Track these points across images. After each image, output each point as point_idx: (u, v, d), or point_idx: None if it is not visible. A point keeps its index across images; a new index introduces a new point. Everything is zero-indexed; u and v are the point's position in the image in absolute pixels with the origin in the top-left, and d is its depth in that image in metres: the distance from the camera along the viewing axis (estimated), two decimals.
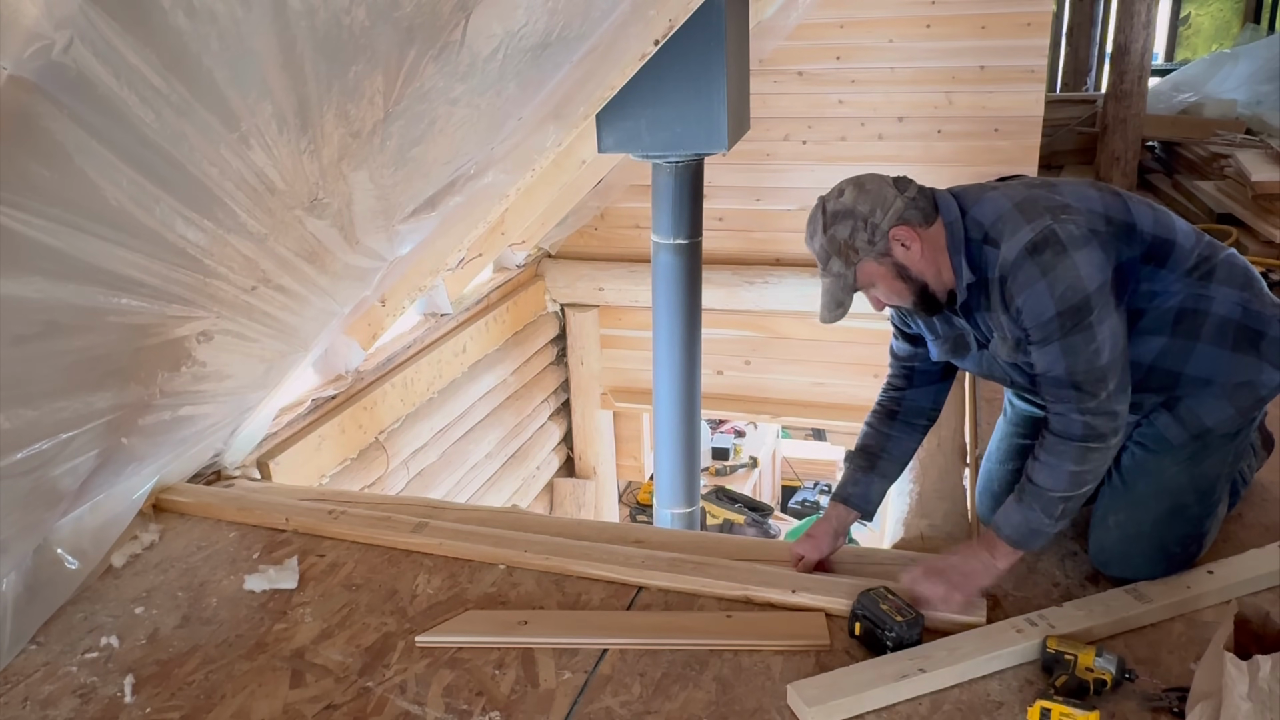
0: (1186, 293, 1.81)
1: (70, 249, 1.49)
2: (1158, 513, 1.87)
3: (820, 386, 4.87)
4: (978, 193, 1.84)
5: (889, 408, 2.09)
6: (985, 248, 1.77)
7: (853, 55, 4.30)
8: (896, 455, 2.08)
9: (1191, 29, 11.97)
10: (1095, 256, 1.69)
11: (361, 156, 1.86)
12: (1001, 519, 1.82)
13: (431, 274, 3.23)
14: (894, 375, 2.11)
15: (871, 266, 1.80)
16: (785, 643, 1.81)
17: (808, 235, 1.86)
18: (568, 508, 5.29)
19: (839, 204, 1.80)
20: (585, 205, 4.67)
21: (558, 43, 2.08)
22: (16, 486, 1.78)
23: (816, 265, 1.85)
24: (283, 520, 2.39)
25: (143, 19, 1.29)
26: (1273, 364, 1.83)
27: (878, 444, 2.07)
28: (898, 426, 2.07)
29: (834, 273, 1.81)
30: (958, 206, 1.81)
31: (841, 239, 1.79)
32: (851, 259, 1.79)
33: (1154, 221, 1.81)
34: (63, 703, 1.81)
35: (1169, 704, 1.61)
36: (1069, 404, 1.73)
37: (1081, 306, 1.67)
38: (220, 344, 2.02)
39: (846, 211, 1.78)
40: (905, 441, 2.08)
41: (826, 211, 1.80)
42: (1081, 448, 1.73)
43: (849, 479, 2.09)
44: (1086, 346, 1.69)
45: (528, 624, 1.94)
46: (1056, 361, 1.72)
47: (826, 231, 1.80)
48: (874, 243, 1.78)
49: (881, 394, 2.13)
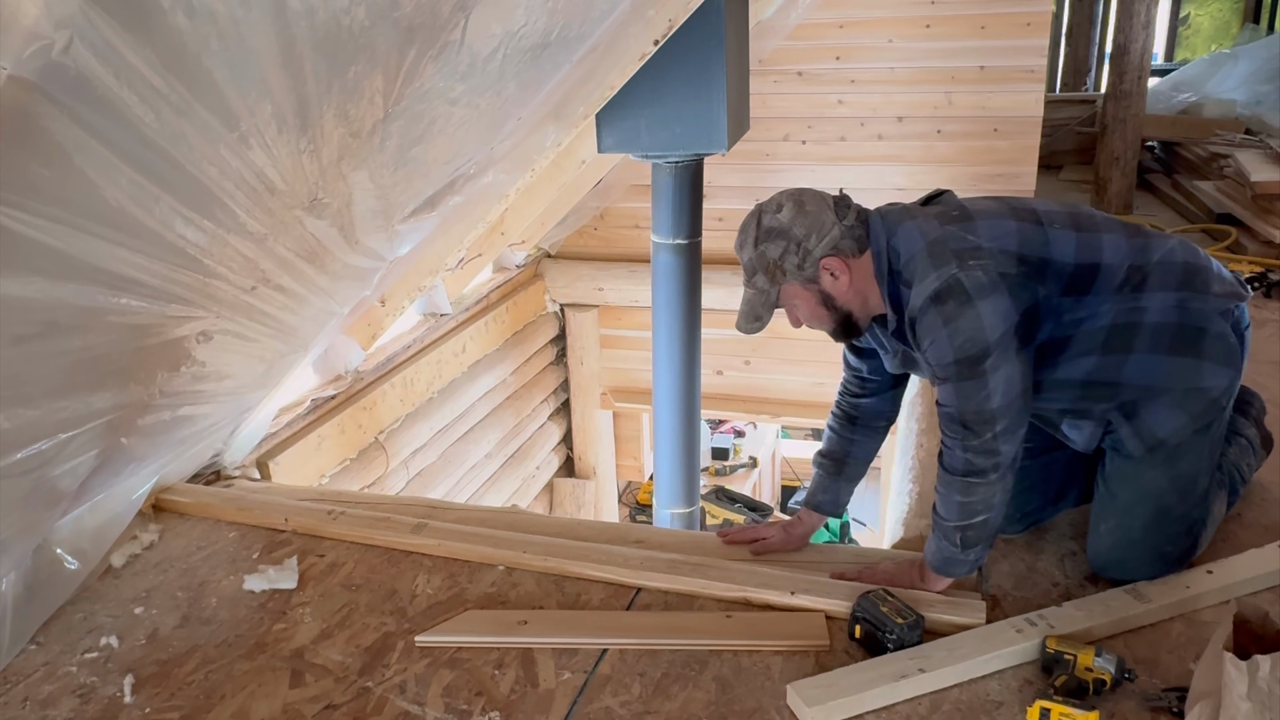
0: (1116, 309, 1.80)
1: (70, 249, 1.49)
2: (1144, 518, 1.87)
3: (820, 386, 4.87)
4: (900, 218, 1.84)
5: (849, 414, 2.12)
6: (900, 286, 1.80)
7: (852, 55, 4.30)
8: (861, 457, 2.14)
9: (1191, 29, 11.98)
10: (1000, 305, 1.71)
11: (361, 156, 1.86)
12: (926, 546, 1.90)
13: (431, 274, 3.24)
14: (850, 382, 2.13)
15: (796, 289, 1.83)
16: (785, 643, 1.81)
17: (738, 243, 1.86)
18: (567, 508, 5.29)
19: (775, 220, 1.80)
20: (585, 205, 4.67)
21: (557, 43, 2.08)
22: (16, 486, 1.78)
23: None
24: (282, 520, 2.39)
25: (143, 19, 1.29)
26: (1215, 362, 1.81)
27: (842, 450, 2.13)
28: (860, 431, 2.11)
29: (758, 287, 1.83)
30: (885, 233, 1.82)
31: (771, 258, 1.80)
32: (777, 278, 1.81)
33: (1076, 249, 1.79)
34: (62, 703, 1.81)
35: (1168, 704, 1.61)
36: (956, 439, 1.78)
37: (978, 357, 1.71)
38: (220, 344, 2.02)
39: (781, 231, 1.79)
40: (868, 444, 2.13)
41: (761, 226, 1.81)
42: (964, 481, 1.78)
43: (819, 486, 2.16)
44: (978, 392, 1.73)
45: (527, 624, 1.94)
46: (950, 400, 1.77)
47: (757, 247, 1.81)
48: (803, 268, 1.80)
49: (840, 398, 2.15)
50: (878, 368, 2.05)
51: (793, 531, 2.17)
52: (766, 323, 1.86)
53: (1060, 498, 2.12)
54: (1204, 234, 4.46)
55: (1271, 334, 3.25)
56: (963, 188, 4.35)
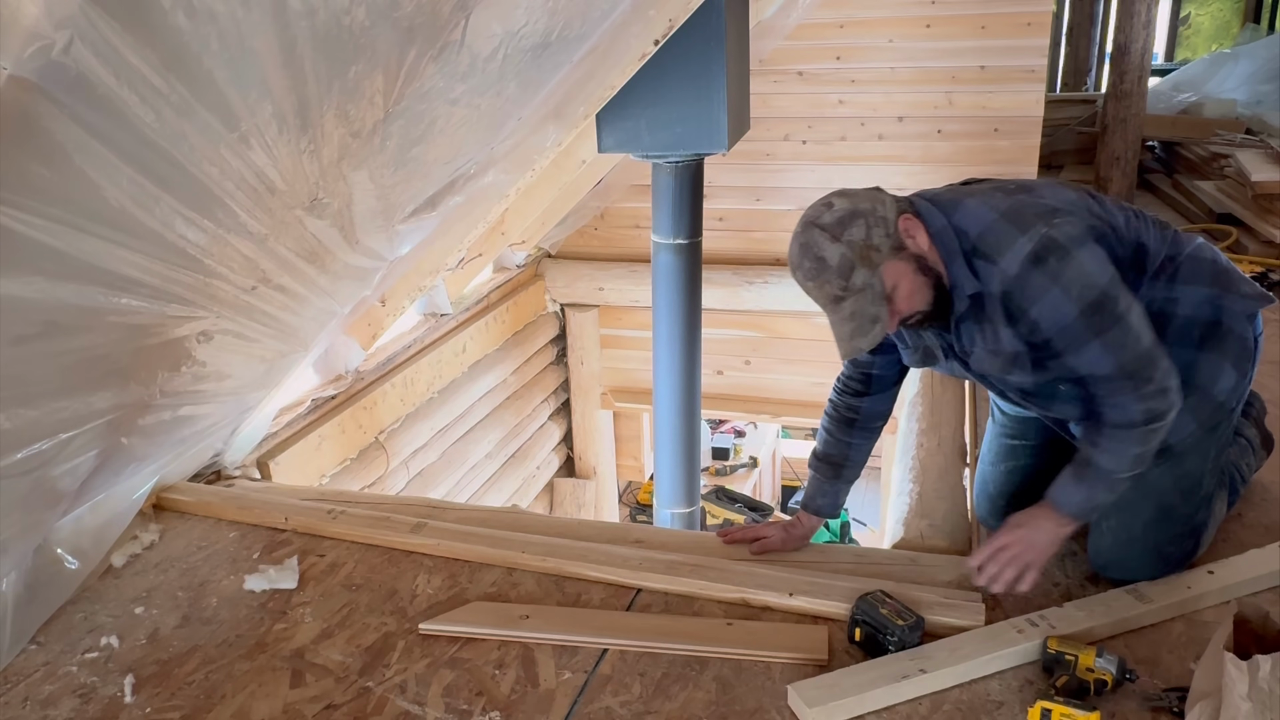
0: (1151, 295, 1.79)
1: (70, 249, 1.49)
2: (1147, 517, 1.87)
3: (820, 386, 4.87)
4: (955, 197, 1.75)
5: (847, 416, 2.07)
6: (976, 261, 1.69)
7: (853, 55, 4.30)
8: (857, 460, 2.10)
9: (1191, 29, 11.98)
10: (1097, 252, 1.66)
11: (361, 156, 1.86)
12: (1062, 497, 1.78)
13: (431, 274, 3.24)
14: (851, 380, 2.06)
15: (894, 266, 1.67)
16: (784, 655, 1.80)
17: (808, 267, 1.67)
18: (568, 508, 5.29)
19: (837, 212, 1.67)
20: (585, 205, 4.67)
21: (558, 43, 2.08)
22: (16, 486, 1.78)
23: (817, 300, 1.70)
24: (283, 520, 2.39)
25: (143, 19, 1.29)
26: (1235, 363, 1.81)
27: (840, 453, 2.09)
28: (858, 434, 2.07)
29: (858, 287, 1.65)
30: (941, 214, 1.73)
31: (859, 240, 1.64)
32: (875, 259, 1.65)
33: (1125, 224, 1.78)
34: (63, 703, 1.81)
35: (1169, 704, 1.61)
36: (1128, 392, 1.67)
37: (1101, 301, 1.63)
38: (220, 344, 2.02)
39: (850, 212, 1.66)
40: (865, 446, 2.09)
41: (825, 226, 1.66)
42: (1144, 431, 1.69)
43: (817, 490, 2.13)
44: (1125, 336, 1.64)
45: (529, 618, 1.95)
46: (1101, 359, 1.66)
47: (838, 241, 1.64)
48: (890, 237, 1.66)
49: (837, 398, 2.09)
50: (890, 362, 2.01)
51: (792, 533, 2.16)
52: (886, 324, 1.67)
53: None
54: (1205, 234, 4.46)
55: (1272, 334, 3.25)
56: None
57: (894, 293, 1.68)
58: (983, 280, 1.69)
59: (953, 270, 1.71)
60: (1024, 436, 2.09)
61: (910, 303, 1.71)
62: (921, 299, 1.71)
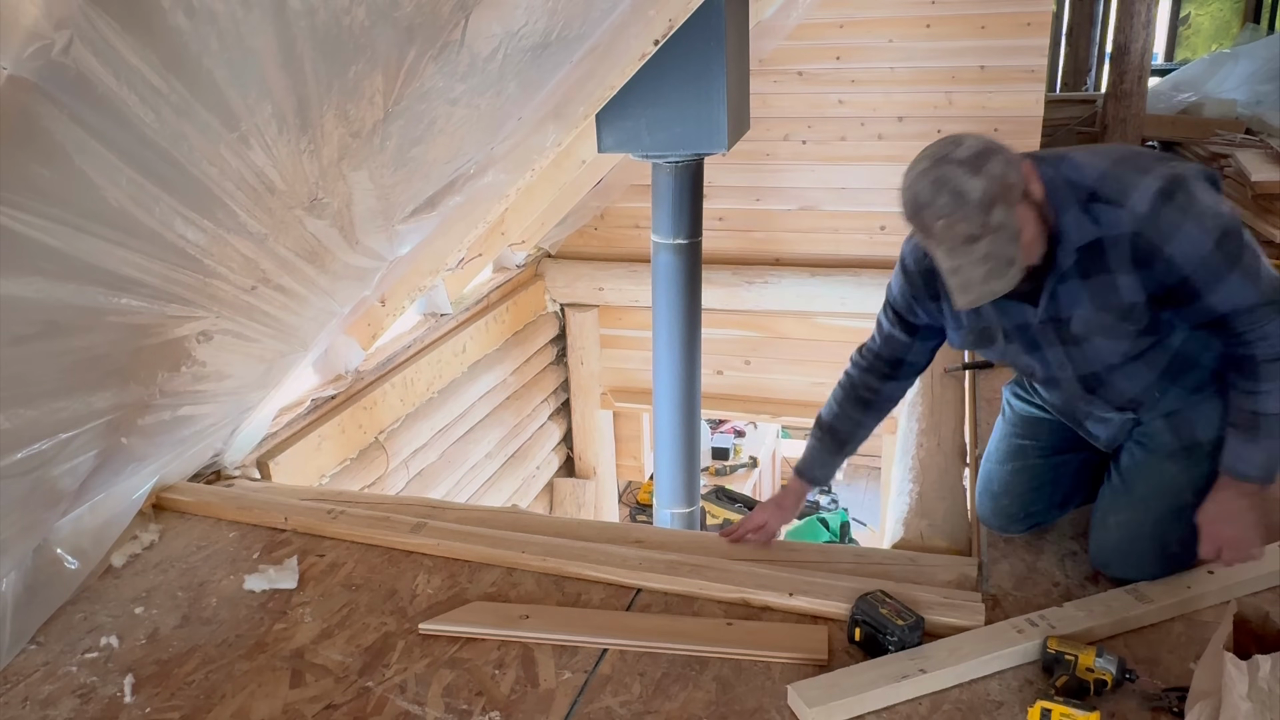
0: None
1: (70, 249, 1.49)
2: (1159, 513, 1.86)
3: (820, 386, 4.87)
4: (1053, 154, 1.71)
5: (864, 396, 2.05)
6: (1096, 206, 1.64)
7: (853, 55, 4.30)
8: (862, 437, 2.11)
9: (1191, 29, 11.98)
10: (1211, 188, 1.66)
11: (361, 156, 1.86)
12: (1240, 463, 1.74)
13: (431, 274, 3.24)
14: (879, 360, 2.02)
15: (1023, 209, 1.59)
16: (784, 655, 1.80)
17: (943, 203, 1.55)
18: (568, 508, 5.29)
19: (971, 147, 1.57)
20: (585, 205, 4.67)
21: (558, 43, 2.08)
22: (16, 486, 1.78)
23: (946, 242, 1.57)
24: (282, 520, 2.39)
25: (143, 19, 1.29)
26: None
27: (848, 430, 2.08)
28: (870, 414, 2.07)
29: (995, 225, 1.55)
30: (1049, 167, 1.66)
31: (999, 174, 1.55)
32: (1011, 198, 1.56)
33: None
34: (63, 703, 1.81)
35: (1169, 704, 1.61)
36: (1273, 322, 1.65)
37: (1234, 230, 1.62)
38: (220, 344, 2.02)
39: (986, 148, 1.56)
40: (873, 425, 2.10)
41: (961, 160, 1.55)
42: None
43: (816, 460, 2.12)
44: (1258, 263, 1.64)
45: (529, 618, 1.95)
46: (1243, 289, 1.63)
47: (981, 173, 1.54)
48: (1021, 177, 1.59)
49: (857, 375, 2.05)
50: (926, 349, 1.99)
51: (785, 504, 2.16)
52: (1020, 267, 1.58)
53: (1065, 502, 2.11)
54: None
55: None
56: None
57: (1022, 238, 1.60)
58: (1105, 225, 1.64)
59: (1063, 222, 1.66)
60: (1034, 438, 2.09)
61: (1029, 253, 1.64)
62: (1036, 251, 1.65)
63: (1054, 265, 1.69)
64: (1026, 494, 2.07)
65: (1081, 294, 1.72)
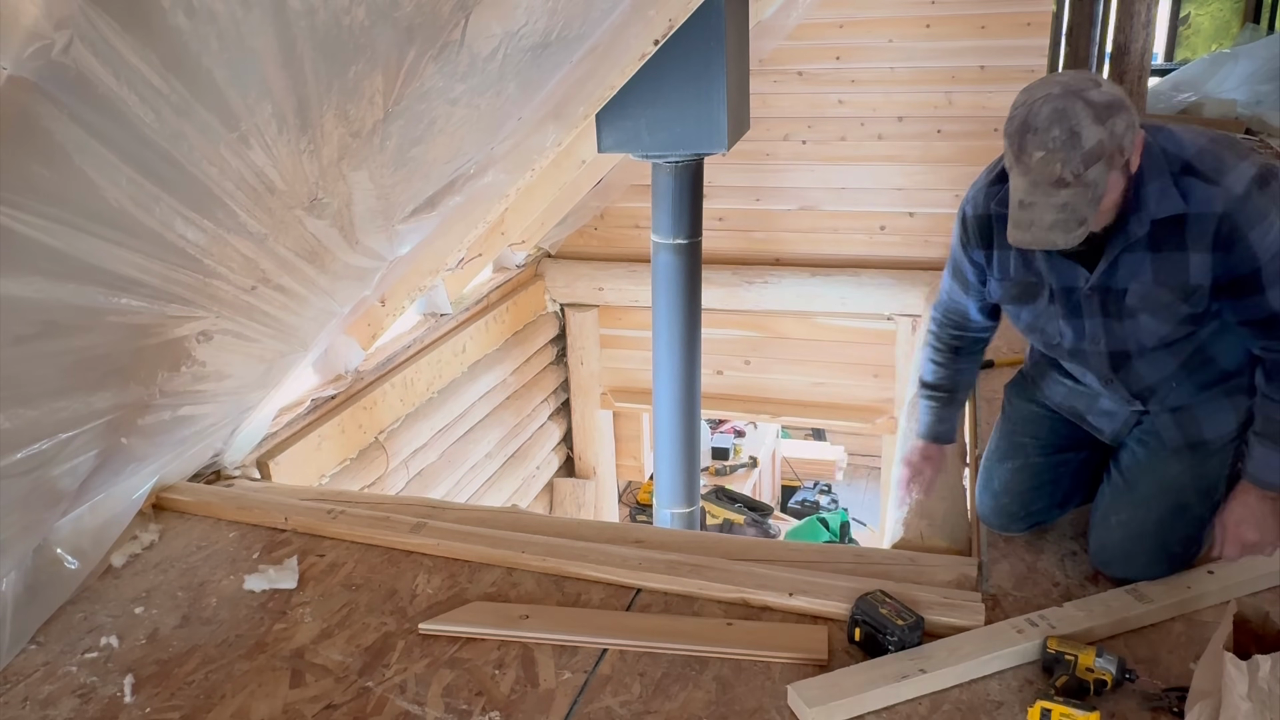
0: None
1: (70, 249, 1.49)
2: (1161, 512, 1.86)
3: (820, 386, 4.87)
4: (1151, 125, 1.67)
5: (953, 345, 2.10)
6: (1188, 180, 1.61)
7: (853, 55, 4.30)
8: (967, 383, 2.16)
9: (1191, 29, 11.97)
10: None
11: (361, 156, 1.86)
12: (1266, 471, 1.75)
13: (431, 274, 3.24)
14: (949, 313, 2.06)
15: (1115, 176, 1.56)
16: (784, 655, 1.80)
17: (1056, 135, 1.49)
18: (567, 508, 5.29)
19: (1106, 94, 1.51)
20: (585, 205, 4.68)
21: (558, 43, 2.08)
22: (16, 486, 1.78)
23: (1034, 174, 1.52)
24: (282, 520, 2.39)
25: (143, 19, 1.29)
26: None
27: (951, 380, 2.12)
28: (964, 359, 2.12)
29: (1088, 180, 1.51)
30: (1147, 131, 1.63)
31: (1120, 134, 1.51)
32: (1115, 162, 1.52)
33: None
34: (62, 702, 1.81)
35: (1169, 704, 1.61)
36: None
37: None
38: (220, 344, 2.02)
39: (1119, 102, 1.51)
40: (973, 369, 2.15)
41: (1094, 103, 1.49)
42: None
43: (936, 418, 2.15)
44: None
45: (529, 618, 1.95)
46: None
47: (1105, 124, 1.49)
48: (1133, 144, 1.55)
49: (940, 331, 2.10)
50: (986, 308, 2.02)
51: (931, 455, 2.16)
52: (1088, 228, 1.55)
53: (1065, 502, 2.11)
54: None
55: None
56: (963, 188, 4.36)
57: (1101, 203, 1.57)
58: (1194, 201, 1.62)
59: (1146, 191, 1.63)
60: (1035, 435, 2.09)
61: (1101, 218, 1.61)
62: (1108, 218, 1.63)
63: (1123, 232, 1.67)
64: (1026, 492, 2.07)
65: (1145, 266, 1.70)
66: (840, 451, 7.78)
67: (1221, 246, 1.63)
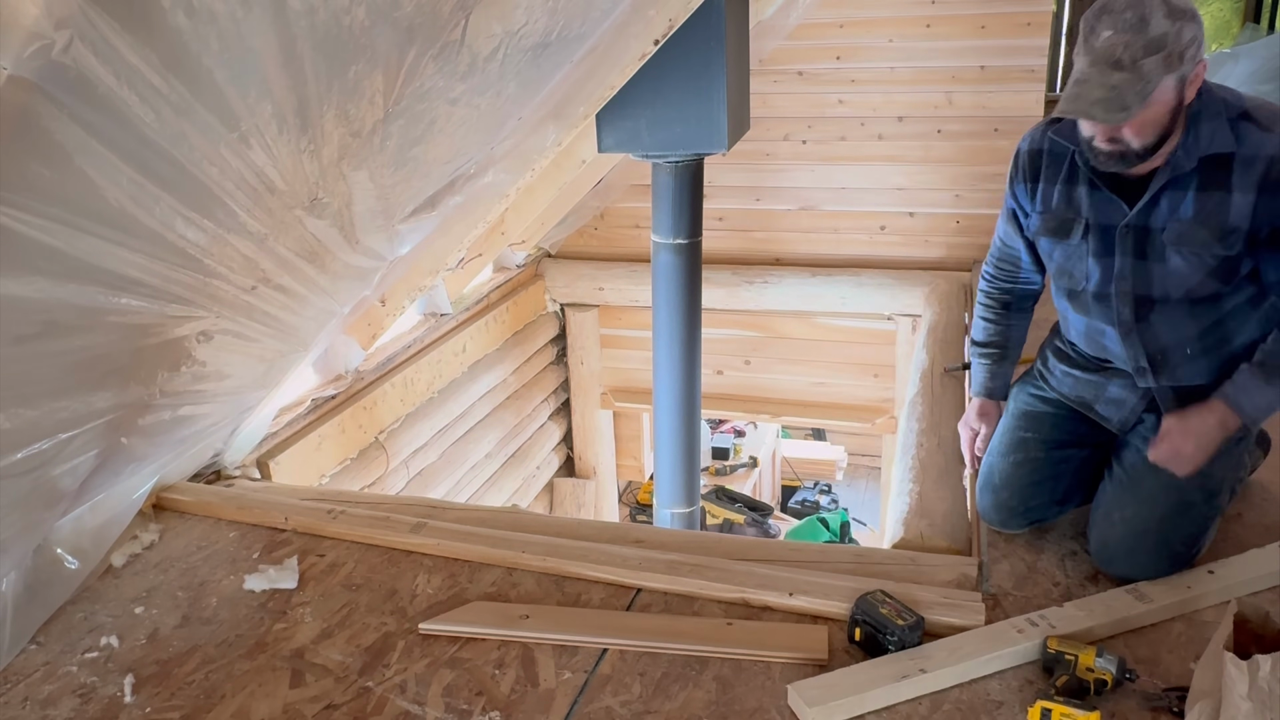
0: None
1: (70, 249, 1.49)
2: (1164, 509, 1.87)
3: (820, 386, 4.87)
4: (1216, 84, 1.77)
5: (1003, 300, 2.19)
6: (1244, 124, 1.70)
7: (853, 55, 4.30)
8: (1018, 339, 2.23)
9: None
10: None
11: (361, 156, 1.86)
12: (1244, 397, 1.80)
13: (431, 274, 3.24)
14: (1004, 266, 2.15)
15: (1168, 87, 1.62)
16: (784, 655, 1.80)
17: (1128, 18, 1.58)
18: (568, 507, 5.29)
19: (1185, 4, 1.60)
20: (585, 205, 4.67)
21: (558, 43, 2.08)
22: (16, 486, 1.78)
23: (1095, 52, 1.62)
24: (282, 520, 2.39)
25: (143, 19, 1.29)
26: None
27: (1003, 336, 2.21)
28: (1014, 315, 2.20)
29: (1143, 71, 1.59)
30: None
31: (1185, 40, 1.59)
32: (1172, 66, 1.60)
33: None
34: (63, 702, 1.81)
35: (1169, 704, 1.61)
36: None
37: None
38: (220, 344, 2.02)
39: (1191, 14, 1.60)
40: (1023, 325, 2.22)
41: (1172, 3, 1.59)
42: None
43: (989, 375, 2.22)
44: None
45: (530, 618, 1.95)
46: None
47: (1175, 24, 1.59)
48: (1194, 61, 1.62)
49: (990, 286, 2.20)
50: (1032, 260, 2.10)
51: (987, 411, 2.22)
52: (1130, 116, 1.61)
53: (1065, 500, 2.11)
54: None
55: None
56: (964, 188, 4.39)
57: (1148, 107, 1.62)
58: (1246, 144, 1.70)
59: (1202, 128, 1.71)
60: (1037, 431, 2.09)
61: (1141, 130, 1.67)
62: (1148, 134, 1.68)
63: (1170, 164, 1.73)
64: (1027, 488, 2.07)
65: (1188, 203, 1.76)
66: (840, 451, 7.78)
67: (1268, 190, 1.69)
